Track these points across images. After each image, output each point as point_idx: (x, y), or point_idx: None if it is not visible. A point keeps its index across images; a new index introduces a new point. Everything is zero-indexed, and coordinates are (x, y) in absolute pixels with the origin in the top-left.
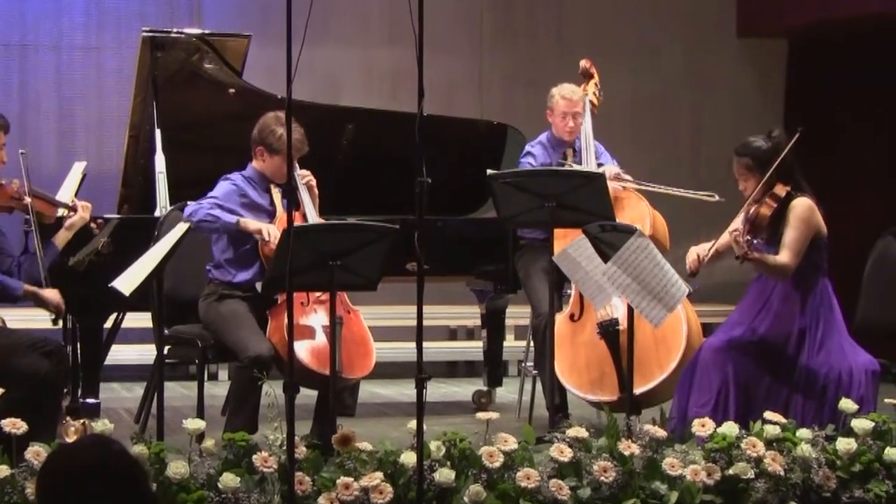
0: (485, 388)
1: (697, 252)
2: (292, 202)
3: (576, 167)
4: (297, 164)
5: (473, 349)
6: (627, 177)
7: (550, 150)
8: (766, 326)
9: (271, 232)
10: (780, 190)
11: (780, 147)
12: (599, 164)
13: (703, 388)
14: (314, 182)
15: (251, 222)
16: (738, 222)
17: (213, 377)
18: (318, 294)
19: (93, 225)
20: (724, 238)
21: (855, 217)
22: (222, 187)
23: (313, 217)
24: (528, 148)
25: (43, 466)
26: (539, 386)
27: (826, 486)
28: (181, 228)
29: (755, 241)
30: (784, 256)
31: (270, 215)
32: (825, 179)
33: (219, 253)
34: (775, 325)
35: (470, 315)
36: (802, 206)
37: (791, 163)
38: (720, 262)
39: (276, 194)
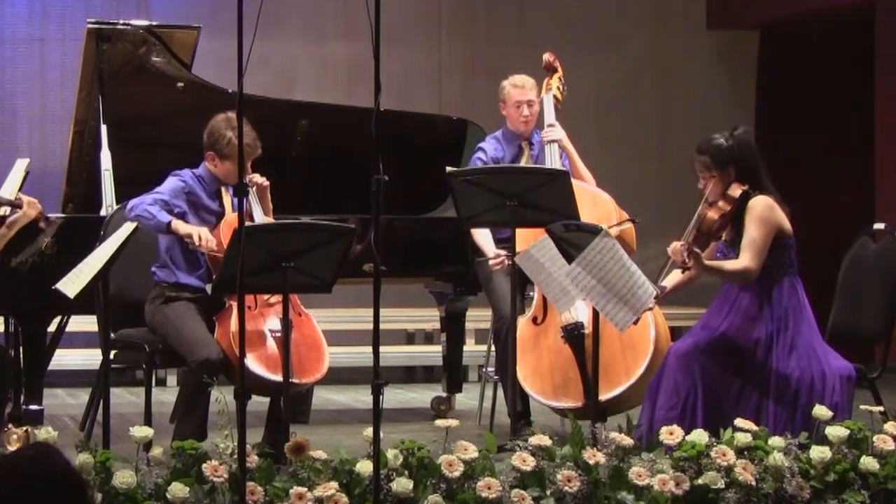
0: (444, 395)
1: (677, 243)
2: (244, 201)
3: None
4: (249, 168)
5: (432, 354)
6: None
7: (505, 144)
8: (732, 329)
9: (203, 236)
10: (735, 191)
11: (742, 145)
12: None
13: (670, 391)
14: (267, 185)
15: (183, 225)
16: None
17: (161, 383)
18: (266, 297)
19: (42, 225)
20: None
21: (830, 215)
22: (171, 183)
23: (261, 219)
24: (480, 144)
25: None
26: (500, 392)
27: (799, 497)
28: (128, 228)
29: (720, 245)
30: (743, 260)
31: (218, 217)
32: (798, 176)
33: (164, 253)
34: (742, 327)
35: (428, 318)
36: (760, 204)
37: (754, 164)
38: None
39: (227, 197)
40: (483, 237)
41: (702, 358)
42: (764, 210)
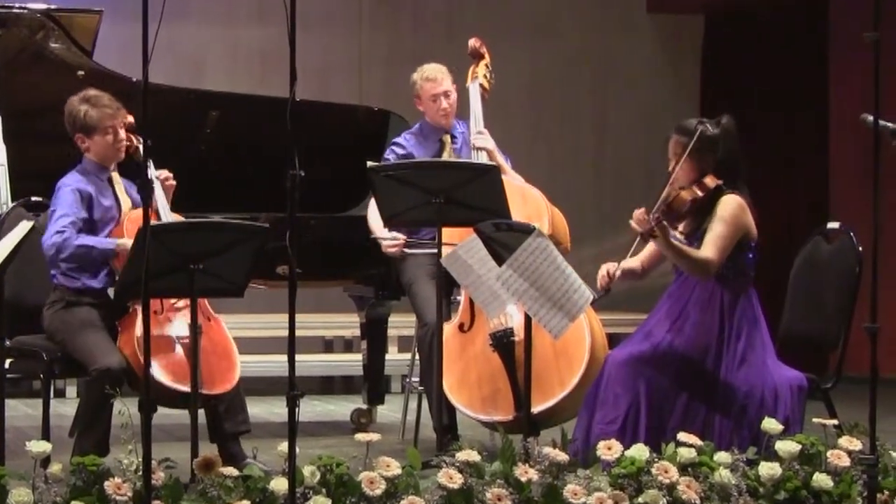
0: (364, 407)
1: (608, 268)
2: (149, 198)
3: (456, 158)
4: (128, 120)
5: (352, 363)
6: (501, 159)
7: (423, 140)
8: (682, 338)
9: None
10: (710, 181)
11: (727, 137)
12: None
13: (609, 404)
14: (174, 184)
15: (129, 242)
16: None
17: (60, 394)
18: (172, 301)
19: None
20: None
21: (780, 213)
22: (66, 199)
23: (168, 216)
24: (395, 139)
25: None
26: (425, 404)
27: None
28: (24, 227)
29: (675, 234)
30: (706, 251)
31: (118, 211)
32: (746, 172)
33: None
34: (693, 336)
35: (348, 324)
36: (732, 202)
37: (734, 160)
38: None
39: (119, 185)
40: (374, 215)
41: (647, 370)
42: (735, 208)
